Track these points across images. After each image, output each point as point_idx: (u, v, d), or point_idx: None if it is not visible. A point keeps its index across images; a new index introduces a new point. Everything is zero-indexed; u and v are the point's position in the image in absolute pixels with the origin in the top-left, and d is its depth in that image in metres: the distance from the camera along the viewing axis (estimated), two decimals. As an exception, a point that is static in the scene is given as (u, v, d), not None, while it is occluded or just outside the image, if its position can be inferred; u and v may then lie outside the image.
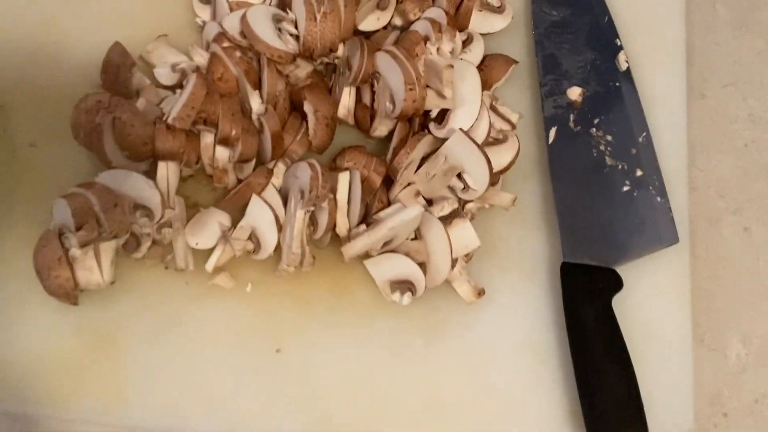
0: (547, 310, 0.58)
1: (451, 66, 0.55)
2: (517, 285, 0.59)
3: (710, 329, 0.59)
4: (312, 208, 0.53)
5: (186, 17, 0.63)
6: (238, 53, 0.56)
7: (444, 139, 0.57)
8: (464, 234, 0.56)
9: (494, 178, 0.60)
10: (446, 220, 0.57)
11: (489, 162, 0.55)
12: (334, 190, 0.55)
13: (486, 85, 0.64)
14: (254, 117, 0.56)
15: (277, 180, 0.58)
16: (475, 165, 0.55)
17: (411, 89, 0.54)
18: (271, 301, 0.56)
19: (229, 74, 0.56)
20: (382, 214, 0.55)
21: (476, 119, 0.57)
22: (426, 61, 0.58)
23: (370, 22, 0.61)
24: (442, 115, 0.59)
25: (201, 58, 0.59)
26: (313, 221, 0.55)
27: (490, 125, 0.59)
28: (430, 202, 0.59)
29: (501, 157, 0.58)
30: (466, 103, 0.57)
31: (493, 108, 0.61)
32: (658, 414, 0.54)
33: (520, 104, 0.64)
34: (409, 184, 0.59)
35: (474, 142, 0.55)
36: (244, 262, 0.56)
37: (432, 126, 0.58)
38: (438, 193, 0.59)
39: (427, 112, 0.59)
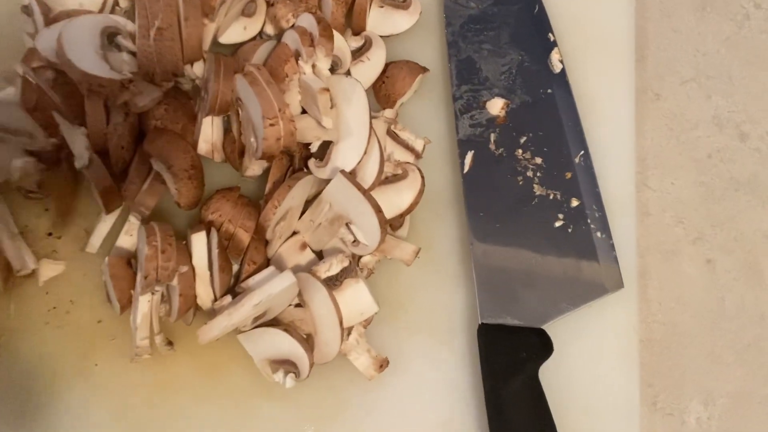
0: (466, 383, 0.48)
1: (326, 90, 0.44)
2: (429, 353, 0.48)
3: (665, 390, 0.49)
4: (157, 291, 0.43)
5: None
6: (50, 74, 0.44)
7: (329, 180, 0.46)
8: (358, 298, 0.46)
9: (397, 221, 0.49)
10: (336, 280, 0.47)
11: (379, 212, 0.45)
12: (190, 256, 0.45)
13: (388, 101, 0.52)
14: (77, 166, 0.45)
15: (131, 239, 0.47)
16: (362, 216, 0.45)
17: (272, 125, 0.43)
18: (124, 388, 0.46)
19: (48, 101, 0.45)
20: (250, 281, 0.45)
21: (365, 153, 0.46)
22: (300, 82, 0.47)
23: (235, 32, 0.50)
24: (326, 148, 0.48)
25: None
26: (166, 297, 0.45)
27: (385, 158, 0.48)
28: (321, 256, 0.49)
29: (400, 197, 0.47)
30: (353, 134, 0.45)
31: (392, 134, 0.50)
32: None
33: (432, 124, 0.53)
34: (294, 234, 0.49)
35: (359, 187, 0.44)
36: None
37: (312, 163, 0.47)
38: (328, 245, 0.49)
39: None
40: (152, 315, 0.43)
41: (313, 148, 0.47)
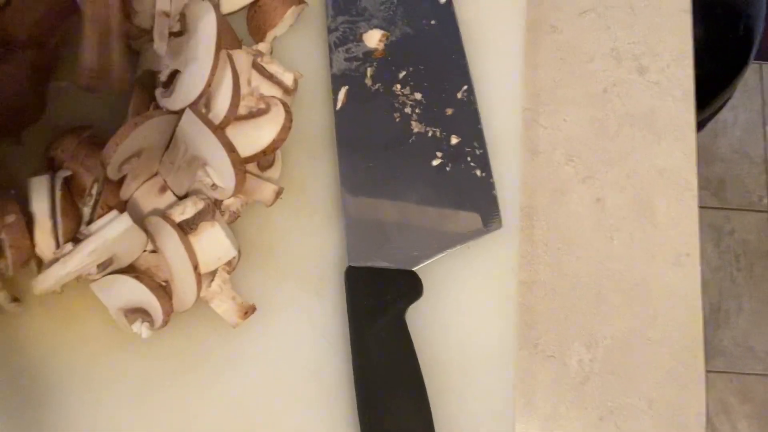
0: (336, 331, 0.45)
1: (166, 14, 0.40)
2: (298, 299, 0.46)
3: (547, 332, 0.48)
4: None
5: None
6: None
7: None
8: (215, 242, 0.43)
9: (263, 160, 0.47)
10: (191, 224, 0.44)
11: (232, 151, 0.42)
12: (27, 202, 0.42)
13: (259, 33, 0.49)
14: None
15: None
16: (215, 156, 0.42)
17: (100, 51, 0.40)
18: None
19: None
20: (92, 227, 0.42)
21: (209, 84, 0.42)
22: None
23: None
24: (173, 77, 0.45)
25: None
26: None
27: (247, 92, 0.45)
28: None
29: (261, 132, 0.44)
30: (197, 62, 0.42)
31: (258, 67, 0.46)
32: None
33: (310, 60, 0.49)
34: (155, 175, 0.47)
35: (209, 124, 0.41)
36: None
37: (157, 93, 0.43)
38: (191, 188, 0.46)
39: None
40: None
41: (162, 77, 0.43)
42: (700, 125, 1.16)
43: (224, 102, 0.42)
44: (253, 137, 0.44)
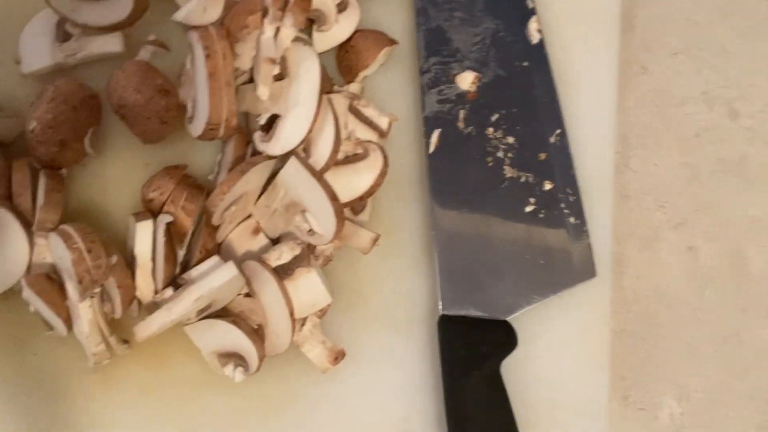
0: (425, 378, 0.45)
1: (272, 61, 0.40)
2: (387, 345, 0.46)
3: (637, 383, 0.47)
4: (94, 295, 0.40)
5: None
6: None
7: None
8: (310, 287, 0.43)
9: (357, 204, 0.46)
10: (287, 269, 0.43)
11: (335, 199, 0.41)
12: (131, 247, 0.42)
13: (350, 74, 0.49)
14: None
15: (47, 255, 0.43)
16: (316, 203, 0.41)
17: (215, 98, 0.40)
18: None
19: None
20: (193, 272, 0.42)
21: (311, 130, 0.42)
22: (258, 41, 0.43)
23: (194, 13, 0.44)
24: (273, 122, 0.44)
25: None
26: (105, 296, 0.42)
27: (344, 136, 0.44)
28: (278, 242, 0.46)
29: (359, 178, 0.44)
30: (300, 107, 0.41)
31: (354, 111, 0.46)
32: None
33: (399, 100, 0.49)
34: (248, 217, 0.46)
35: (312, 172, 0.41)
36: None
37: (256, 136, 0.43)
38: (285, 231, 0.46)
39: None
40: (98, 319, 0.40)
41: (262, 121, 0.43)
42: None
43: (325, 148, 0.42)
44: (351, 183, 0.43)
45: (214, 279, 0.39)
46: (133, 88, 0.42)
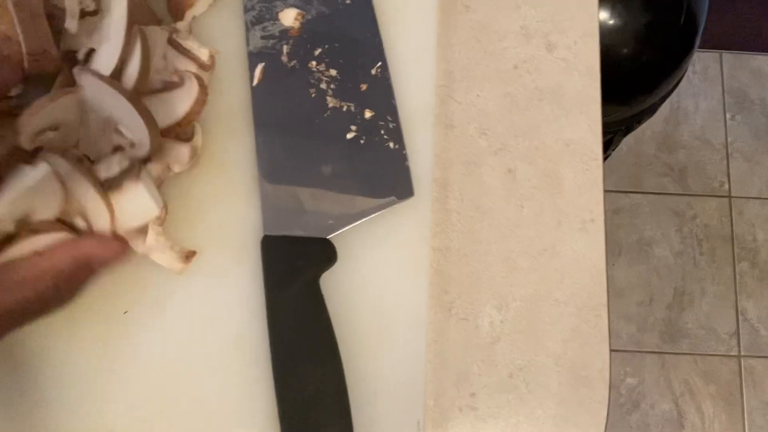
0: (256, 298, 0.48)
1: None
2: (219, 266, 0.48)
3: (460, 296, 0.51)
4: None
5: None
6: None
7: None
8: (138, 199, 0.45)
9: (180, 132, 0.49)
10: (117, 182, 0.45)
11: (144, 110, 0.44)
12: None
13: (178, 12, 0.51)
14: None
15: None
16: (121, 111, 0.44)
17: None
18: None
19: None
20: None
21: (128, 59, 0.44)
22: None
23: None
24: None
25: None
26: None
27: (151, 64, 0.46)
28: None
29: (175, 105, 0.46)
30: (111, 40, 0.44)
31: (173, 42, 0.48)
32: (385, 407, 0.46)
33: (230, 40, 0.51)
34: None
35: (109, 82, 0.43)
36: None
37: (75, 70, 0.45)
38: (109, 149, 0.48)
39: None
40: None
41: (80, 56, 0.45)
42: (651, 109, 1.19)
43: (133, 72, 0.44)
44: (168, 109, 0.46)
45: (26, 179, 0.41)
46: None
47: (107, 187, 0.44)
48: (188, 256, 0.47)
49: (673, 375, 1.65)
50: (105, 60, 0.43)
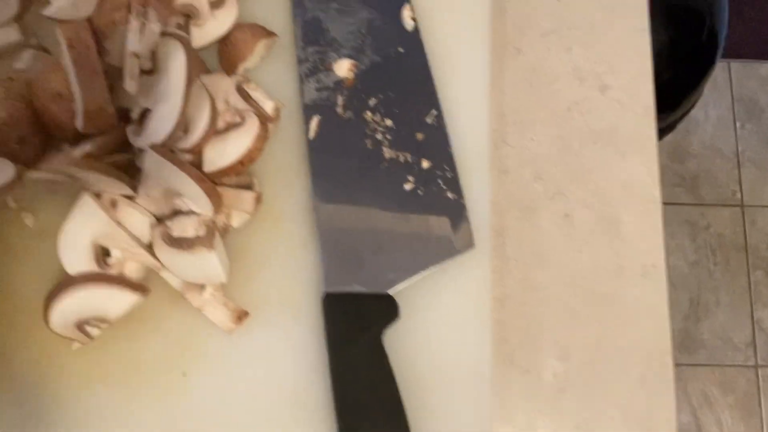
0: (315, 355, 0.46)
1: (136, 55, 0.42)
2: (277, 322, 0.47)
3: (521, 346, 0.50)
4: None
5: None
6: None
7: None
8: (207, 266, 0.44)
9: (240, 174, 0.47)
10: (189, 242, 0.44)
11: (203, 181, 0.43)
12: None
13: (231, 67, 0.50)
14: None
15: None
16: (185, 188, 0.43)
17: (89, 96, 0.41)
18: None
19: None
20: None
21: (196, 114, 0.44)
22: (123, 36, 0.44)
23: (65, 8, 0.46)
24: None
25: None
26: None
27: (221, 108, 0.45)
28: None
29: (237, 143, 0.45)
30: (168, 101, 0.43)
31: (241, 91, 0.47)
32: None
33: (282, 90, 0.50)
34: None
35: (174, 161, 0.42)
36: None
37: (129, 130, 0.45)
38: (171, 210, 0.47)
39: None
40: None
41: (134, 115, 0.45)
42: (671, 127, 1.19)
43: (201, 128, 0.44)
44: (228, 148, 0.45)
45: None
46: (34, 93, 0.43)
47: (178, 245, 0.43)
48: (240, 316, 0.46)
49: (690, 387, 1.65)
50: (164, 120, 0.42)
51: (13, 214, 0.47)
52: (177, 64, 0.43)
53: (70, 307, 0.42)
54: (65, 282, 0.43)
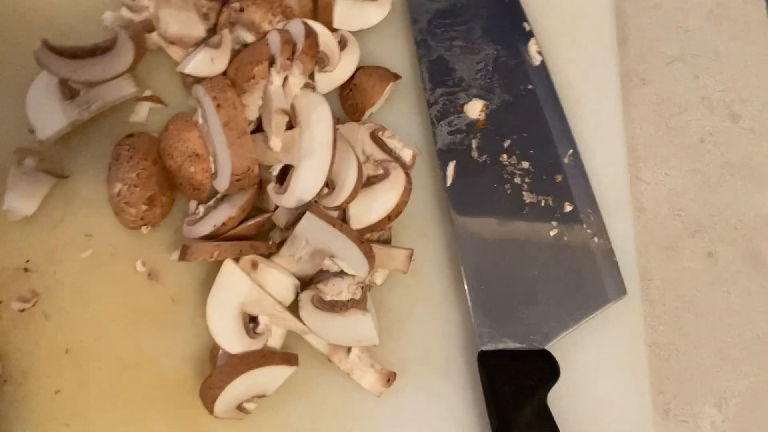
0: (467, 413, 0.44)
1: (284, 112, 0.39)
2: (426, 385, 0.44)
3: (676, 395, 0.47)
4: None
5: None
6: None
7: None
8: (361, 328, 0.41)
9: (384, 228, 0.45)
10: (343, 305, 0.42)
11: (362, 242, 0.40)
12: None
13: (356, 112, 0.47)
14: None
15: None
16: (342, 250, 0.40)
17: (239, 179, 0.39)
18: None
19: None
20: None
21: (342, 169, 0.41)
22: (266, 91, 0.41)
23: (202, 64, 0.43)
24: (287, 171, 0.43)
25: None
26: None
27: (362, 167, 0.43)
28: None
29: (384, 199, 0.43)
30: (314, 157, 0.40)
31: (377, 140, 0.45)
32: None
33: (408, 134, 0.48)
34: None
35: (334, 223, 0.40)
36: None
37: (270, 189, 0.42)
38: (314, 271, 0.44)
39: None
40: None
41: (275, 172, 0.42)
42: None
43: (350, 183, 0.41)
44: (376, 203, 0.42)
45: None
46: (167, 153, 0.41)
47: (330, 308, 0.41)
48: (390, 378, 0.43)
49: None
50: (311, 177, 0.40)
51: (147, 281, 0.44)
52: (321, 117, 0.40)
53: (234, 393, 0.39)
54: (227, 371, 0.40)
